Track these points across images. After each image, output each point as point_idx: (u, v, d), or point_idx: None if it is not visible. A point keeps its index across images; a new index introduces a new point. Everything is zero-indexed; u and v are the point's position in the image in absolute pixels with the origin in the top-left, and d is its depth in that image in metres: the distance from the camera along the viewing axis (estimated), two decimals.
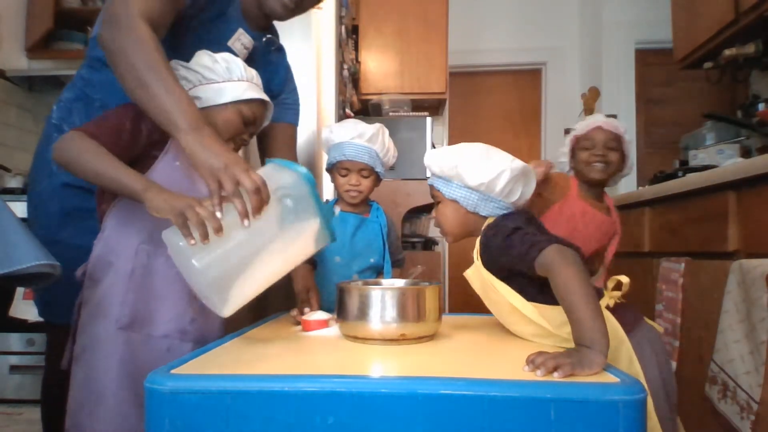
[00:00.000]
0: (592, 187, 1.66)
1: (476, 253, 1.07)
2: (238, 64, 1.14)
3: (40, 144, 1.28)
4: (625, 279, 0.99)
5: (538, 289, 1.00)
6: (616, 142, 1.63)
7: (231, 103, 1.11)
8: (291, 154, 1.55)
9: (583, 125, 1.69)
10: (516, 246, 0.97)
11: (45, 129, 1.26)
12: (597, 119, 1.69)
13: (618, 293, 1.01)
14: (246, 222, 0.89)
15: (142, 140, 1.03)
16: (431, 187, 1.17)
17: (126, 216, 1.01)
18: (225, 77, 1.12)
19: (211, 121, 1.10)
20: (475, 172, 1.07)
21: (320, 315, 1.17)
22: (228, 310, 0.92)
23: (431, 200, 1.22)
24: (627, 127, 1.69)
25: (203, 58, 1.13)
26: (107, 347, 0.98)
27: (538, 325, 0.98)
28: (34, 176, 1.28)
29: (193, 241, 0.85)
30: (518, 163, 1.09)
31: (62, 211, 1.22)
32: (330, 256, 1.50)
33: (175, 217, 0.86)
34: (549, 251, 0.90)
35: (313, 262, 1.46)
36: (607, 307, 0.99)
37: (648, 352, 1.04)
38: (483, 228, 1.09)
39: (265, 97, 1.17)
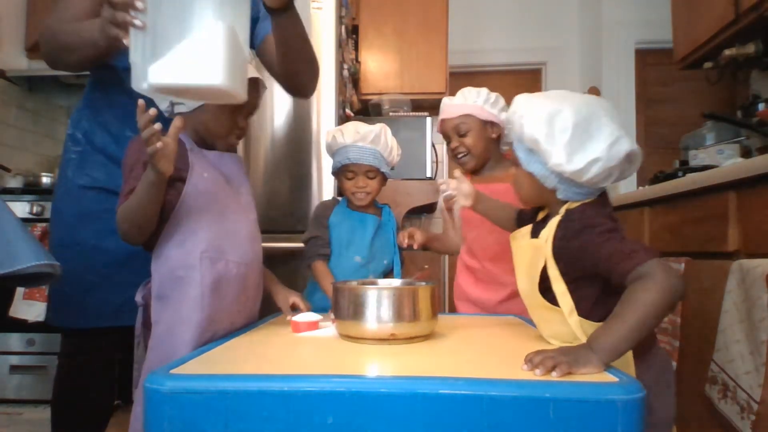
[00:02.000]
0: (484, 165, 1.55)
1: (546, 237, 0.94)
2: None
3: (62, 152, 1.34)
4: None
5: (593, 302, 0.92)
6: (465, 124, 1.52)
7: None
8: None
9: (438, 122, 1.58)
10: (612, 245, 0.85)
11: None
12: (442, 109, 1.58)
13: None
14: (138, 22, 0.91)
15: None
16: (511, 145, 1.03)
17: (182, 236, 1.05)
18: None
19: (201, 122, 1.13)
20: (561, 156, 0.89)
21: (310, 316, 1.16)
22: (225, 79, 0.90)
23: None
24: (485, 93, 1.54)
25: None
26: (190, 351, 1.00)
27: (568, 332, 0.92)
28: (56, 181, 1.35)
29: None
30: (620, 149, 0.89)
31: (79, 213, 1.26)
32: (350, 254, 1.51)
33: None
34: (654, 264, 0.80)
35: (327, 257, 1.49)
36: None
37: (662, 383, 0.96)
38: (564, 212, 0.94)
39: (249, 73, 1.12)
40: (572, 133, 0.88)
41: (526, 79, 3.82)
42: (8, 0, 2.78)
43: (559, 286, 0.93)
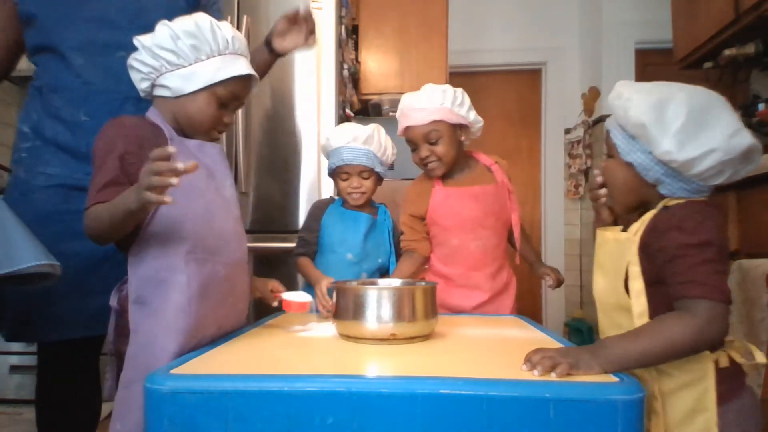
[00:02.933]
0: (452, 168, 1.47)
1: (636, 230, 0.86)
2: (206, 37, 1.00)
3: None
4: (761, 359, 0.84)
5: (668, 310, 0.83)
6: (437, 131, 1.40)
7: (203, 89, 1.01)
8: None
9: (399, 125, 1.47)
10: (687, 264, 0.78)
11: None
12: (403, 116, 1.44)
13: (756, 363, 0.85)
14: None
15: (131, 159, 0.97)
16: (607, 132, 0.91)
17: (165, 234, 0.96)
18: (192, 58, 1.00)
19: (183, 112, 1.04)
20: (671, 143, 0.79)
21: (302, 296, 1.15)
22: None
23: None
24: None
25: (164, 37, 0.99)
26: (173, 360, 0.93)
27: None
28: (6, 186, 1.21)
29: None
30: (741, 142, 0.79)
31: (36, 217, 1.12)
32: (342, 252, 1.52)
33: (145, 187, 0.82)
34: (706, 307, 0.75)
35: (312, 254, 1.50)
36: (719, 366, 0.83)
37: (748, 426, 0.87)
38: (660, 207, 0.86)
39: (247, 69, 1.06)
40: (686, 120, 0.80)
41: (526, 79, 3.82)
42: None
43: (636, 284, 0.84)
